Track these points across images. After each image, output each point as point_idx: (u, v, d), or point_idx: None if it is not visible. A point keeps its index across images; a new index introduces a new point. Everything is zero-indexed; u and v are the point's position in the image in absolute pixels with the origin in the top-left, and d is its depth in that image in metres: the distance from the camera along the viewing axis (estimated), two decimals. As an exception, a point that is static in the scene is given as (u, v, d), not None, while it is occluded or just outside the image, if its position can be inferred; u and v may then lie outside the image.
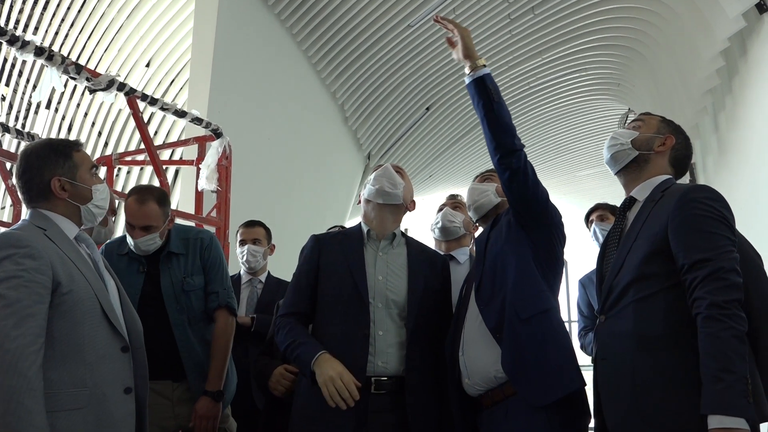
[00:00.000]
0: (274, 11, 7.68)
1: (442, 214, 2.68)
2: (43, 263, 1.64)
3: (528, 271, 1.97)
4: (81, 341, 1.67)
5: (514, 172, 1.93)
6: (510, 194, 2.01)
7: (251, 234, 3.51)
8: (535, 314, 1.91)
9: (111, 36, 8.32)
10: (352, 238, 2.22)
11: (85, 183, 1.85)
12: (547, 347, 1.88)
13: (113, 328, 1.76)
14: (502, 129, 1.93)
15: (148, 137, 4.41)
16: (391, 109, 9.67)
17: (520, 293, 1.94)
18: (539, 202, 1.99)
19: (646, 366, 1.62)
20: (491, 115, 1.93)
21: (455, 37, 2.04)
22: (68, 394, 1.63)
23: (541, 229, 2.01)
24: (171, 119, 6.62)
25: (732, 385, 1.45)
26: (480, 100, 1.94)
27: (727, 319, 1.51)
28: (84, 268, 1.76)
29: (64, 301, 1.66)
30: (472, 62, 1.98)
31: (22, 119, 9.68)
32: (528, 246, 2.00)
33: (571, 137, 11.76)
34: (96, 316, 1.72)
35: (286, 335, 2.08)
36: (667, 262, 1.66)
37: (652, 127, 1.92)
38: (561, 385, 1.83)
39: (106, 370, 1.71)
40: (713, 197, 1.68)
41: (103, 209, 1.91)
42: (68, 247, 1.76)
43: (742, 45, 6.06)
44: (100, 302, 1.74)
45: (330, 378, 1.91)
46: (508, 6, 7.87)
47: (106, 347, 1.72)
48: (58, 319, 1.65)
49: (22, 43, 3.27)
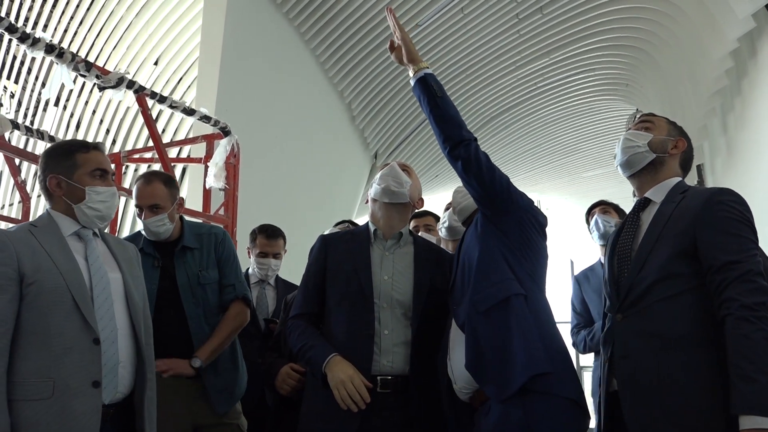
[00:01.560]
0: (282, 10, 7.69)
1: (449, 214, 2.69)
2: (6, 255, 1.70)
3: (489, 261, 1.95)
4: (47, 332, 1.69)
5: (466, 162, 1.95)
6: (468, 185, 2.02)
7: (273, 247, 3.48)
8: (493, 305, 1.87)
9: (120, 33, 8.34)
10: (360, 238, 2.24)
11: (80, 183, 1.90)
12: (509, 337, 1.82)
13: (84, 320, 1.75)
14: (447, 122, 1.98)
15: (157, 135, 4.43)
16: (398, 109, 9.67)
17: (478, 286, 1.93)
18: (499, 188, 1.97)
19: (672, 364, 1.62)
20: (436, 110, 1.99)
21: (397, 40, 2.10)
22: (33, 385, 1.65)
23: (509, 215, 1.99)
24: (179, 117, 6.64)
25: (766, 386, 1.46)
26: (425, 97, 2.01)
27: (758, 320, 1.52)
28: (62, 261, 1.78)
29: (29, 292, 1.71)
30: (416, 65, 2.05)
31: (30, 116, 9.72)
32: (496, 235, 1.98)
33: (579, 138, 11.72)
34: (66, 306, 1.73)
35: (298, 338, 2.11)
36: (692, 262, 1.67)
37: (662, 129, 1.93)
38: (520, 372, 1.77)
39: (73, 362, 1.70)
40: (739, 200, 1.71)
41: (99, 211, 1.92)
42: (52, 242, 1.80)
43: (751, 46, 6.04)
44: (72, 293, 1.75)
45: (341, 381, 1.94)
46: (516, 6, 7.86)
47: (74, 339, 1.72)
48: (24, 309, 1.69)
49: (32, 41, 3.29)
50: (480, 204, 2.03)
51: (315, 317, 2.18)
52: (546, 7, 7.87)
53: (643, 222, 1.85)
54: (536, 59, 8.94)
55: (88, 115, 9.12)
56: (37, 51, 3.33)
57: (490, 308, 1.87)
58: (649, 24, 7.62)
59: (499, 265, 1.94)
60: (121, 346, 1.85)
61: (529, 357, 1.78)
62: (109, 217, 1.98)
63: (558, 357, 1.85)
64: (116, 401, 1.84)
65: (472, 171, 1.95)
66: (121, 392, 1.85)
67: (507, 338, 1.82)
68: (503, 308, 1.86)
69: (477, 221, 2.07)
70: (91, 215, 1.92)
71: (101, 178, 1.94)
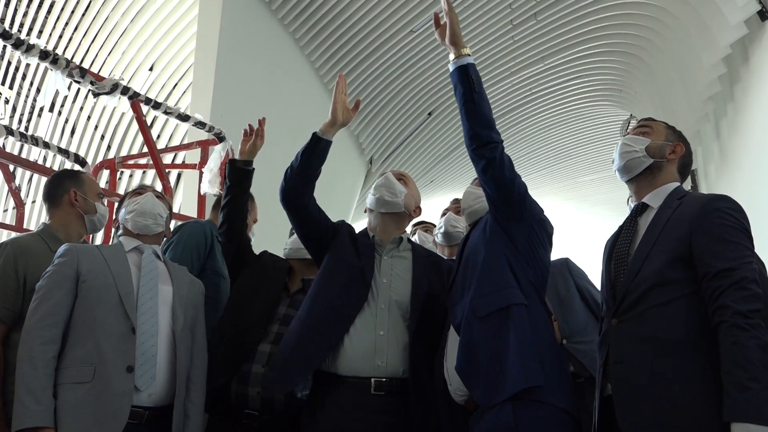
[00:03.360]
0: (277, 16, 7.70)
1: (446, 219, 2.69)
2: (68, 258, 1.99)
3: (495, 265, 1.92)
4: (93, 322, 1.92)
5: (489, 162, 1.90)
6: (485, 184, 1.97)
7: None
8: (493, 311, 1.85)
9: (115, 39, 8.35)
10: (367, 239, 2.28)
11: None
12: (505, 346, 1.80)
13: (125, 312, 1.95)
14: (480, 120, 1.91)
15: (152, 141, 4.43)
16: (393, 114, 9.69)
17: (481, 290, 1.90)
18: (516, 194, 1.93)
19: (666, 371, 1.62)
20: (470, 104, 1.92)
21: (443, 18, 1.99)
22: (77, 370, 1.86)
23: (520, 223, 1.96)
24: (174, 123, 6.65)
25: (759, 394, 1.45)
26: (462, 88, 1.93)
27: (752, 328, 1.51)
28: (116, 265, 2.05)
29: (82, 289, 1.96)
30: (457, 50, 1.96)
31: (25, 122, 9.71)
32: (504, 241, 1.95)
33: (573, 143, 11.77)
34: (112, 301, 1.96)
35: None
36: (688, 269, 1.67)
37: (660, 134, 1.92)
38: (513, 382, 1.74)
39: (112, 348, 1.89)
40: (736, 208, 1.70)
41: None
42: (112, 252, 2.10)
43: (743, 52, 6.08)
44: (118, 290, 1.98)
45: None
46: (510, 12, 7.90)
47: (114, 328, 1.93)
48: (78, 304, 1.94)
49: (27, 47, 3.29)
50: (494, 207, 1.99)
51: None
52: (540, 13, 7.91)
53: (641, 227, 1.85)
54: (530, 65, 8.98)
55: (83, 121, 9.11)
56: (31, 57, 3.32)
57: (489, 314, 1.86)
58: (642, 30, 7.67)
59: (504, 271, 1.91)
60: (160, 348, 1.99)
61: (523, 369, 1.75)
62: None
63: (553, 369, 1.82)
64: (152, 405, 1.93)
65: (494, 173, 1.90)
66: (157, 393, 1.95)
67: (503, 347, 1.80)
68: (503, 316, 1.84)
69: (486, 223, 2.04)
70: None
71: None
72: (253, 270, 2.49)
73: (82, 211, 2.34)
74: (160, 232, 2.26)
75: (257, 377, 2.21)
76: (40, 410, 1.76)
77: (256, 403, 2.18)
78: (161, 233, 2.27)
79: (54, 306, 1.91)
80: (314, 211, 2.24)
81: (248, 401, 2.19)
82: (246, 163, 2.50)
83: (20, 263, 2.11)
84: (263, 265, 2.51)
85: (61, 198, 2.34)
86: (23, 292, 2.08)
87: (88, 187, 2.39)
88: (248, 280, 2.46)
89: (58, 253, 2.03)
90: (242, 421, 2.19)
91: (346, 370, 2.03)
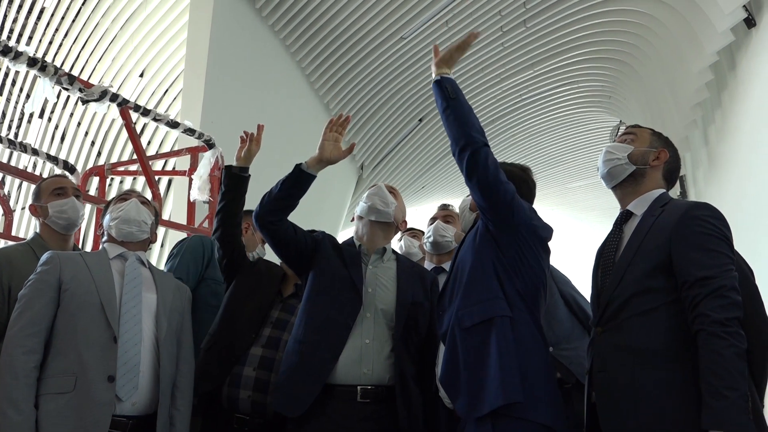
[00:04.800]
0: (267, 23, 7.72)
1: (434, 229, 2.69)
2: (50, 267, 1.97)
3: (481, 275, 1.89)
4: (75, 331, 1.89)
5: (470, 165, 1.87)
6: (471, 189, 1.95)
7: None
8: (477, 323, 1.82)
9: (105, 46, 8.34)
10: (353, 249, 2.28)
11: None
12: (486, 360, 1.77)
13: (107, 321, 1.92)
14: (457, 124, 1.91)
15: (141, 148, 4.42)
16: (384, 120, 9.72)
17: (466, 300, 1.88)
18: (501, 199, 1.88)
19: (647, 379, 1.63)
20: (447, 111, 1.93)
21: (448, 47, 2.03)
22: (58, 380, 1.84)
23: (507, 229, 1.91)
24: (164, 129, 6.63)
25: (735, 402, 1.46)
26: (439, 99, 1.97)
27: (729, 336, 1.52)
28: (98, 272, 2.02)
29: (64, 297, 1.94)
30: (439, 69, 2.00)
31: (15, 128, 9.67)
32: (492, 248, 1.91)
33: (563, 149, 11.83)
34: (93, 309, 1.93)
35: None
36: (669, 277, 1.68)
37: (644, 140, 1.93)
38: (492, 398, 1.72)
39: (94, 357, 1.87)
40: (715, 215, 1.71)
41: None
42: (95, 260, 2.07)
43: (731, 59, 6.14)
44: (100, 297, 1.95)
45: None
46: (500, 19, 7.94)
47: (96, 337, 1.90)
48: (60, 312, 1.92)
49: (15, 54, 3.28)
50: (481, 213, 1.97)
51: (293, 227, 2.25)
52: (530, 20, 7.96)
53: (625, 235, 1.85)
54: (520, 72, 9.03)
55: (72, 127, 9.08)
56: (19, 65, 3.32)
57: (473, 325, 1.84)
58: (631, 37, 7.73)
59: (490, 280, 1.87)
60: (143, 356, 1.96)
61: (503, 384, 1.72)
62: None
63: (537, 383, 1.78)
64: (136, 414, 1.91)
65: (478, 177, 1.87)
66: (140, 402, 1.92)
67: (484, 360, 1.78)
68: (486, 328, 1.81)
69: (477, 228, 2.02)
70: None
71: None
72: (248, 275, 2.50)
73: (43, 220, 2.33)
74: (146, 239, 2.23)
75: (248, 380, 2.21)
76: (21, 420, 1.75)
77: (247, 407, 2.18)
78: (147, 240, 2.24)
79: (36, 315, 1.88)
80: (289, 232, 2.23)
81: (239, 405, 2.19)
82: (242, 169, 2.51)
83: (5, 272, 2.11)
84: (258, 271, 2.52)
85: (33, 212, 2.38)
86: (8, 301, 2.07)
87: (43, 193, 2.37)
88: (242, 285, 2.46)
89: (41, 261, 2.01)
90: (233, 425, 2.18)
91: (333, 379, 2.04)
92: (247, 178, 2.51)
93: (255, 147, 2.52)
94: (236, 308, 2.38)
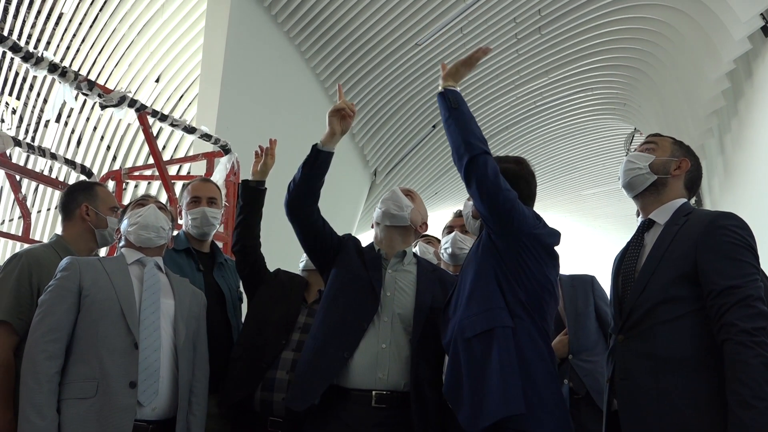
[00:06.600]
0: (283, 29, 7.76)
1: (452, 240, 2.68)
2: (70, 273, 1.98)
3: (483, 285, 1.89)
4: (96, 337, 1.91)
5: (469, 173, 1.88)
6: (473, 198, 1.97)
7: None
8: (478, 333, 1.82)
9: (122, 51, 8.41)
10: (374, 253, 2.30)
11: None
12: (487, 371, 1.76)
13: (128, 327, 1.95)
14: (459, 132, 1.93)
15: (158, 153, 4.45)
16: (398, 127, 9.73)
17: (469, 310, 1.88)
18: (501, 206, 1.87)
19: (672, 388, 1.62)
20: (449, 121, 1.96)
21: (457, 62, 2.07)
22: (80, 385, 1.86)
23: (508, 237, 1.90)
24: (180, 134, 6.68)
25: (762, 412, 1.46)
26: (441, 110, 2.00)
27: (756, 345, 1.52)
28: (118, 278, 2.04)
29: (84, 303, 1.96)
30: (445, 83, 2.04)
31: (32, 132, 9.77)
32: (495, 257, 1.91)
33: (577, 156, 11.78)
34: (114, 315, 1.96)
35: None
36: (694, 286, 1.68)
37: (666, 150, 1.92)
38: (494, 410, 1.71)
39: (115, 364, 1.90)
40: (741, 225, 1.71)
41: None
42: (114, 266, 2.09)
43: (747, 67, 6.10)
44: (120, 304, 1.97)
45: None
46: (515, 26, 7.94)
47: (117, 343, 1.93)
48: (80, 318, 1.94)
49: (36, 60, 3.32)
50: (483, 221, 1.99)
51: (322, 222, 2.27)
52: (544, 27, 7.95)
53: (647, 243, 1.85)
54: (535, 79, 9.01)
55: (89, 131, 9.16)
56: (40, 70, 3.36)
57: (474, 336, 1.83)
58: (646, 45, 7.70)
59: (492, 290, 1.87)
60: (162, 362, 1.99)
61: (504, 396, 1.72)
62: None
63: (539, 396, 1.77)
64: (155, 419, 1.95)
65: (478, 185, 1.87)
66: (160, 407, 1.96)
67: (485, 371, 1.77)
68: (487, 339, 1.81)
69: (482, 237, 2.02)
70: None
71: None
72: (271, 285, 2.56)
73: (93, 226, 2.33)
74: (163, 244, 2.25)
75: (282, 383, 2.25)
76: (45, 425, 1.78)
77: (281, 410, 2.21)
78: (164, 245, 2.26)
79: (57, 321, 1.91)
80: (319, 223, 2.26)
81: (273, 408, 2.23)
82: (258, 183, 2.56)
83: (34, 274, 2.12)
84: (280, 281, 2.58)
85: (73, 212, 2.34)
86: (36, 304, 2.06)
87: (101, 201, 2.37)
88: (266, 294, 2.52)
89: (60, 267, 2.02)
90: (267, 429, 2.22)
91: (348, 383, 2.04)
92: (263, 191, 2.57)
93: (270, 160, 2.58)
94: (263, 316, 2.44)
